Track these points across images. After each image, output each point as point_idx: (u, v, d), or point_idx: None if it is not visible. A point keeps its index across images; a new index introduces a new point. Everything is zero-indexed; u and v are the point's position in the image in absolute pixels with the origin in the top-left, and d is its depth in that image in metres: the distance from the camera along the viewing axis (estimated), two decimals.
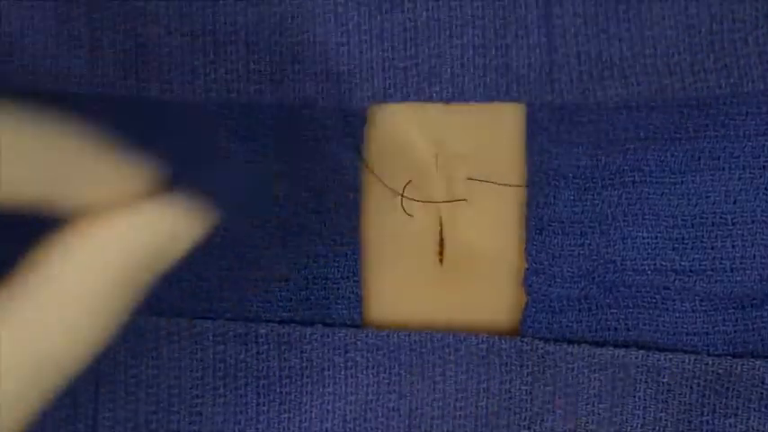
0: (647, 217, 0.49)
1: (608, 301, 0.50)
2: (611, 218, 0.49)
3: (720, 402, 0.49)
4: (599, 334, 0.50)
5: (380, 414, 0.50)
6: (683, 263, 0.49)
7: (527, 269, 0.49)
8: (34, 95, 0.48)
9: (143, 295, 0.39)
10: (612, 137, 0.48)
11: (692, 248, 0.49)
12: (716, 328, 0.49)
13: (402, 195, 0.49)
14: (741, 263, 0.49)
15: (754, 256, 0.49)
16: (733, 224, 0.49)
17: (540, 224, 0.49)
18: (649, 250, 0.49)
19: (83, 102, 0.49)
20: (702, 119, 0.48)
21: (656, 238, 0.49)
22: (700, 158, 0.49)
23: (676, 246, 0.49)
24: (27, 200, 0.37)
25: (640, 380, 0.49)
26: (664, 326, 0.49)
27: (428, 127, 0.49)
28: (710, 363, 0.49)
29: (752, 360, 0.49)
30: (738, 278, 0.49)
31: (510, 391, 0.49)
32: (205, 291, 0.49)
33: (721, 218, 0.49)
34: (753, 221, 0.49)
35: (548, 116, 0.48)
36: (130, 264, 0.38)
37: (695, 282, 0.49)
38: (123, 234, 0.38)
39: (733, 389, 0.49)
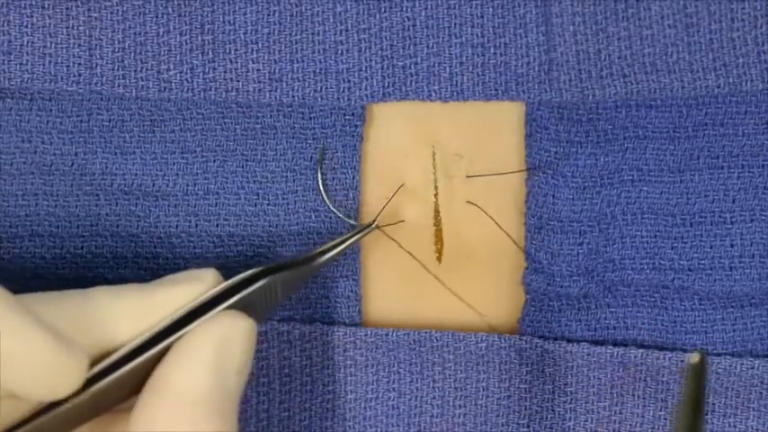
0: (645, 215, 0.49)
1: (607, 299, 0.50)
2: (609, 216, 0.49)
3: (720, 401, 0.49)
4: (598, 333, 0.50)
5: (380, 412, 0.50)
6: (681, 261, 0.49)
7: (526, 268, 0.49)
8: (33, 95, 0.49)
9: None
10: (611, 135, 0.48)
11: (690, 247, 0.49)
12: (715, 327, 0.49)
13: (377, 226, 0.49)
14: (740, 261, 0.49)
15: (753, 254, 0.49)
16: (732, 223, 0.49)
17: (539, 223, 0.49)
18: (648, 249, 0.49)
19: (81, 101, 0.49)
20: (701, 117, 0.48)
21: (655, 236, 0.49)
22: (699, 157, 0.49)
23: (675, 244, 0.49)
24: None
25: (639, 378, 0.49)
26: (663, 324, 0.49)
27: (427, 126, 0.49)
28: (709, 362, 0.49)
29: (751, 359, 0.49)
30: (737, 277, 0.49)
31: (509, 390, 0.49)
32: None
33: (720, 216, 0.49)
34: (752, 220, 0.49)
35: (547, 115, 0.48)
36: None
37: (694, 280, 0.49)
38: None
39: (732, 388, 0.49)
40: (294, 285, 0.46)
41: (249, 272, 0.44)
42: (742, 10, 0.45)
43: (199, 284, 0.43)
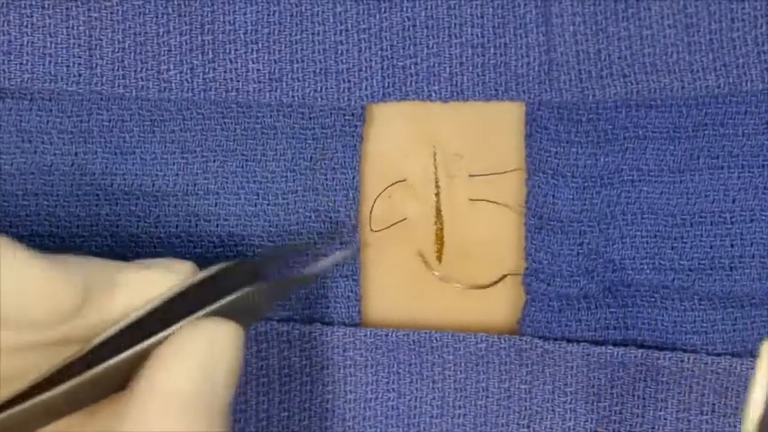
0: (645, 216, 0.49)
1: (607, 300, 0.50)
2: (610, 217, 0.49)
3: (719, 402, 0.49)
4: (598, 333, 0.50)
5: (379, 413, 0.50)
6: (681, 262, 0.49)
7: (526, 268, 0.49)
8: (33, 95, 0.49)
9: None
10: (611, 135, 0.48)
11: (690, 247, 0.49)
12: (715, 327, 0.49)
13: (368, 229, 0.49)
14: (740, 262, 0.49)
15: (753, 254, 0.49)
16: (732, 223, 0.49)
17: (539, 223, 0.49)
18: (648, 249, 0.49)
19: (81, 101, 0.49)
20: (701, 117, 0.48)
21: (655, 236, 0.49)
22: (699, 157, 0.49)
23: (675, 245, 0.49)
24: None
25: (640, 379, 0.49)
26: (663, 325, 0.49)
27: (427, 126, 0.49)
28: (709, 362, 0.49)
29: (751, 359, 0.49)
30: (737, 277, 0.49)
31: (509, 390, 0.49)
32: None
33: (720, 216, 0.49)
34: (752, 220, 0.49)
35: (547, 115, 0.48)
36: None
37: (694, 281, 0.49)
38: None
39: (732, 388, 0.49)
40: (276, 298, 0.45)
41: (225, 264, 0.44)
42: (742, 10, 0.45)
43: (171, 275, 0.43)
